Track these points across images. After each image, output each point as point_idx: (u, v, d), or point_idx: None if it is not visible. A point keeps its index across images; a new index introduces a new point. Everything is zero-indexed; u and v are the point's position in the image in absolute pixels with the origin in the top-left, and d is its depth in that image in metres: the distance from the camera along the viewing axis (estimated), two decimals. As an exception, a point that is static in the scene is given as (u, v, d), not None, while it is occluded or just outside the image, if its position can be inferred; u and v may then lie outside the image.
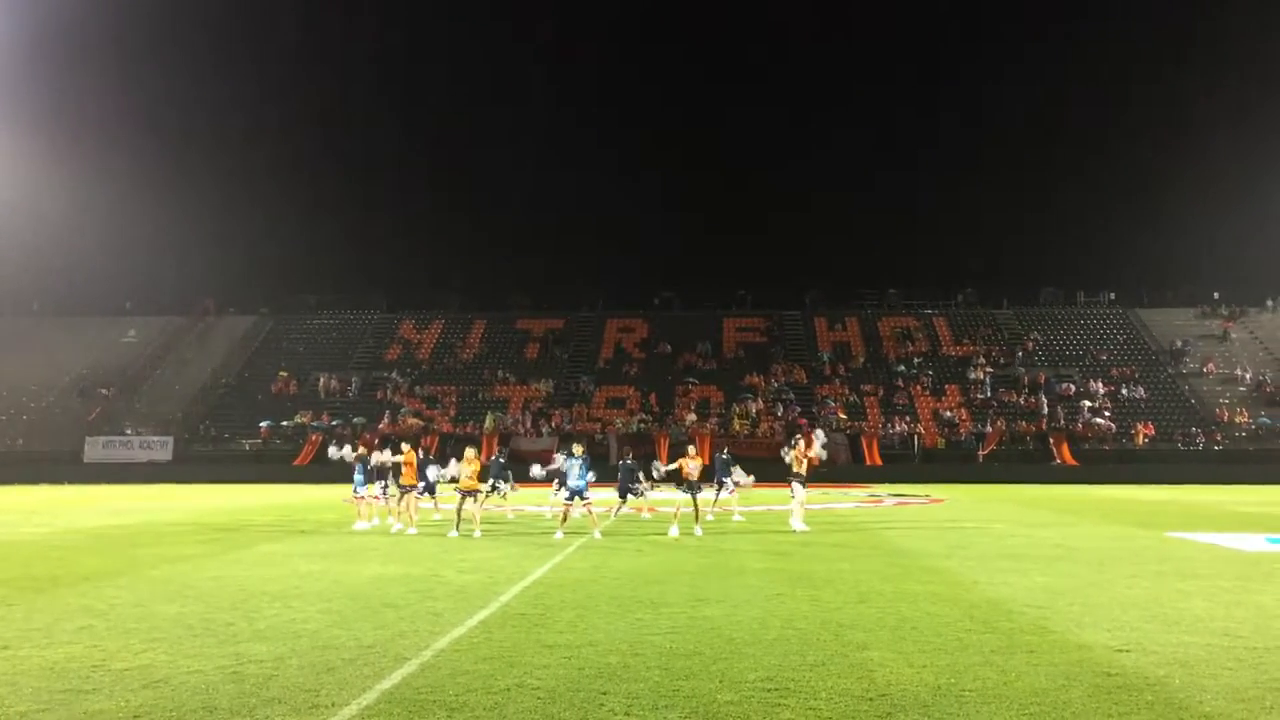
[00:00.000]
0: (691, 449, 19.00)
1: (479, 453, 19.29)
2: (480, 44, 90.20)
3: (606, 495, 19.36)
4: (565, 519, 17.34)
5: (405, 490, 18.49)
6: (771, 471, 23.93)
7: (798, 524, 17.85)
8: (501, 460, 20.72)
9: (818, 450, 18.47)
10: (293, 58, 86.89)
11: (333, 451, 20.61)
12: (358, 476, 19.03)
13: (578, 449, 17.47)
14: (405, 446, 19.42)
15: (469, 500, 17.50)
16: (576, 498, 16.77)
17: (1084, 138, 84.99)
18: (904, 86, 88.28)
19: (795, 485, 18.04)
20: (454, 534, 17.06)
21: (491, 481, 19.51)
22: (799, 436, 19.26)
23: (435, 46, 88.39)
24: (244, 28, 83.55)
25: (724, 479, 20.74)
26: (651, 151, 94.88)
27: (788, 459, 18.34)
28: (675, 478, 18.87)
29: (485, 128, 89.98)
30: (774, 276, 79.26)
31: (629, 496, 18.59)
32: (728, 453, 21.93)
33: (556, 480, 19.75)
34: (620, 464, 19.49)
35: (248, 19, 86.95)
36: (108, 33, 76.08)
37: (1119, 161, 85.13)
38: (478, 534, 17.05)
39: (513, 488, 19.95)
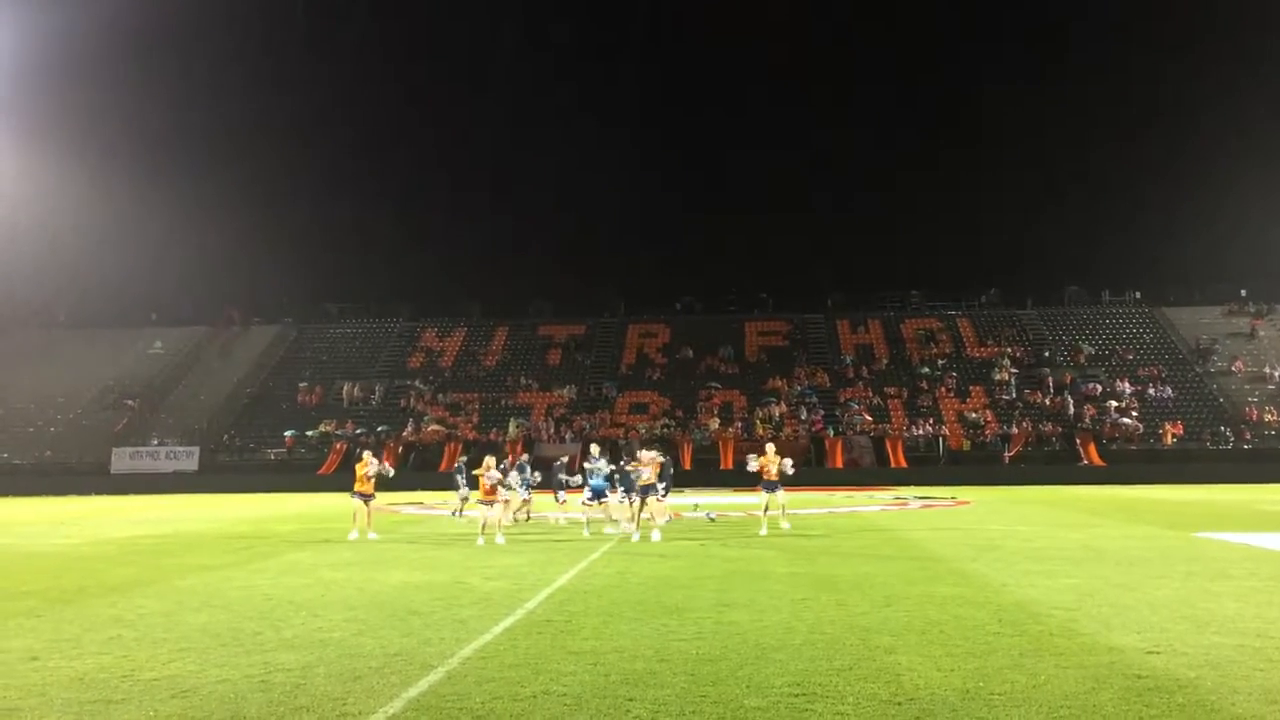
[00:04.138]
0: (643, 453, 18.35)
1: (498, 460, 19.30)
2: (500, 48, 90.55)
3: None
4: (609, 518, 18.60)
5: (364, 498, 18.13)
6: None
7: (764, 529, 18.17)
8: (522, 463, 20.94)
9: (785, 468, 18.77)
10: (313, 68, 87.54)
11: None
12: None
13: (594, 449, 19.11)
14: (367, 454, 18.62)
15: (490, 508, 17.02)
16: (597, 499, 18.25)
17: (1107, 135, 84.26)
18: (922, 86, 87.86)
19: (763, 491, 18.60)
20: (501, 540, 16.70)
21: (559, 485, 21.06)
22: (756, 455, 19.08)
23: (457, 53, 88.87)
24: (266, 37, 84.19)
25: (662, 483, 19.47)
26: (671, 156, 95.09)
27: (753, 467, 18.70)
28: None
29: (505, 135, 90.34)
30: (795, 279, 78.92)
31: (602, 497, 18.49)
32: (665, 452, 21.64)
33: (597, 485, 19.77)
34: (585, 466, 19.27)
35: (270, 27, 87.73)
36: (133, 43, 76.92)
37: (1143, 158, 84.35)
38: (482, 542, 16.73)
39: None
